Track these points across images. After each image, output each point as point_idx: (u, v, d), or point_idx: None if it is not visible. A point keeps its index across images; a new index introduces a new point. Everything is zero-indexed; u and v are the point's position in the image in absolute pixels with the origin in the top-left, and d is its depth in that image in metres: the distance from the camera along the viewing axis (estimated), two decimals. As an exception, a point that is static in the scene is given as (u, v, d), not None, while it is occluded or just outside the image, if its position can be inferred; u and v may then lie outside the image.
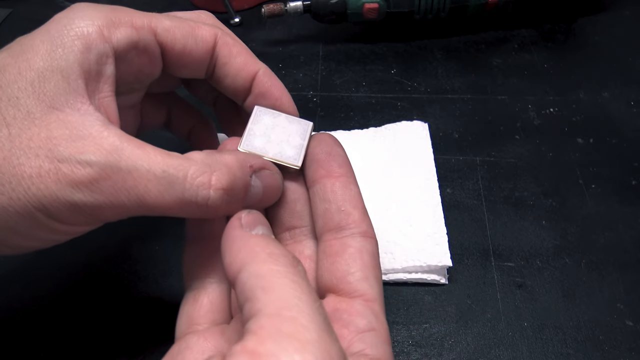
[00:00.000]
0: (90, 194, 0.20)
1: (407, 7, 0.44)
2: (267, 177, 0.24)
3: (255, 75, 0.26)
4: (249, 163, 0.23)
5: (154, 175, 0.20)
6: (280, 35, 0.48)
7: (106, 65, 0.22)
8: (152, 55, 0.24)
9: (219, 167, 0.22)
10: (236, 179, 0.22)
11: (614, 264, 0.31)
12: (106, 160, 0.20)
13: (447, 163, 0.36)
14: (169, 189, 0.21)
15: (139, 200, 0.21)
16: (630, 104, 0.40)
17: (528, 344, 0.27)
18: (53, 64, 0.21)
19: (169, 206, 0.21)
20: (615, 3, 0.49)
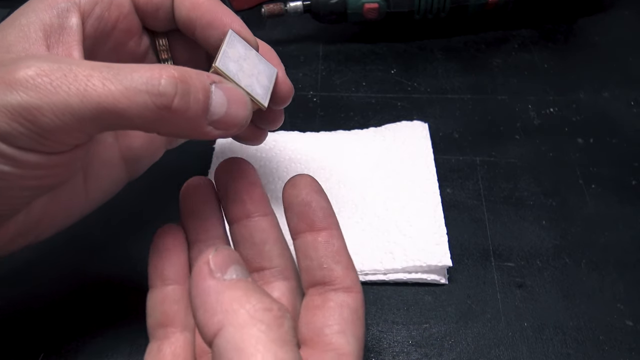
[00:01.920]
0: (25, 92, 0.18)
1: (407, 7, 0.44)
2: (231, 91, 0.22)
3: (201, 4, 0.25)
4: (206, 74, 0.22)
5: (98, 69, 0.19)
6: (280, 35, 0.48)
7: (68, 19, 0.22)
8: (121, 6, 0.24)
9: (169, 66, 0.21)
10: (190, 74, 0.21)
11: (614, 264, 0.31)
12: (46, 61, 0.19)
13: (447, 163, 0.36)
14: (114, 79, 0.19)
15: (82, 95, 0.19)
16: (630, 104, 0.40)
17: (528, 344, 0.27)
18: (15, 22, 0.22)
19: (117, 99, 0.19)
20: (615, 3, 0.49)
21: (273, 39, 0.48)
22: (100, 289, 0.30)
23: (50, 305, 0.30)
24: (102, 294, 0.30)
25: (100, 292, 0.30)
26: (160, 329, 0.24)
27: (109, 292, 0.30)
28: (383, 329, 0.28)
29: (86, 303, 0.30)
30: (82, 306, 0.30)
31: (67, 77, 0.19)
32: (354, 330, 0.21)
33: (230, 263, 0.19)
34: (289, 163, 0.36)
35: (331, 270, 0.22)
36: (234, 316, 0.17)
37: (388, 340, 0.28)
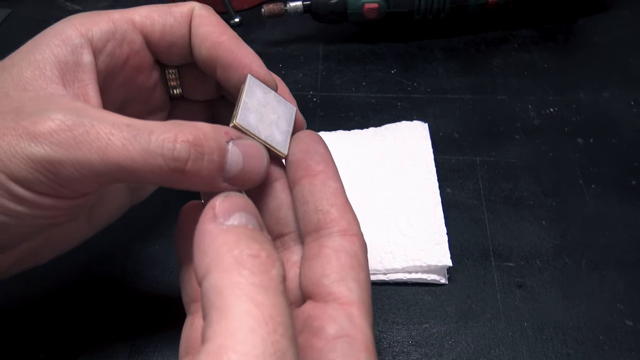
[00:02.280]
0: (49, 145, 0.19)
1: (407, 7, 0.44)
2: (247, 147, 0.22)
3: (221, 43, 0.25)
4: (224, 129, 0.22)
5: (118, 127, 0.20)
6: (280, 35, 0.48)
7: (82, 55, 0.23)
8: (133, 43, 0.24)
9: (186, 126, 0.21)
10: (205, 135, 0.21)
11: (614, 264, 0.31)
12: (69, 114, 0.20)
13: (447, 163, 0.36)
14: (133, 141, 0.20)
15: (102, 153, 0.19)
16: (630, 104, 0.40)
17: (528, 344, 0.27)
18: (30, 57, 0.22)
19: (134, 160, 0.20)
20: (615, 3, 0.49)
21: (273, 39, 0.48)
22: (101, 289, 0.30)
23: (50, 305, 0.30)
24: (103, 294, 0.30)
25: (101, 293, 0.30)
26: (193, 303, 0.24)
27: (109, 292, 0.30)
28: (383, 329, 0.28)
29: (86, 303, 0.30)
30: (83, 306, 0.30)
31: (89, 134, 0.19)
32: (354, 276, 0.20)
33: (236, 210, 0.18)
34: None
35: (326, 212, 0.21)
36: (220, 260, 0.17)
37: (388, 340, 0.28)
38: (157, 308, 0.30)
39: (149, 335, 0.28)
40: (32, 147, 0.19)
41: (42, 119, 0.19)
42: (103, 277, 0.31)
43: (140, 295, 0.30)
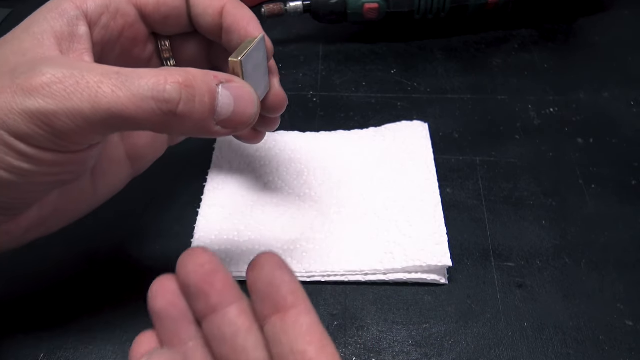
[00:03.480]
0: (42, 98, 0.20)
1: (407, 7, 0.44)
2: (238, 89, 0.23)
3: (223, 9, 0.26)
4: (212, 73, 0.23)
5: (107, 75, 0.20)
6: (280, 35, 0.48)
7: (77, 27, 0.23)
8: (127, 16, 0.25)
9: (175, 70, 0.21)
10: (195, 77, 0.22)
11: (614, 264, 0.31)
12: (60, 67, 0.20)
13: (447, 163, 0.36)
14: (122, 87, 0.20)
15: (93, 101, 0.20)
16: (630, 104, 0.40)
17: (528, 344, 0.27)
18: (29, 30, 0.23)
19: (125, 105, 0.20)
20: (615, 3, 0.49)
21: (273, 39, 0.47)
22: (101, 290, 0.30)
23: (50, 305, 0.30)
24: (103, 295, 0.30)
25: (101, 293, 0.30)
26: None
27: (109, 292, 0.30)
28: (383, 329, 0.28)
29: (87, 303, 0.30)
30: (83, 306, 0.30)
31: (79, 84, 0.20)
32: None
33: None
34: (289, 163, 0.36)
35: (304, 353, 0.20)
36: None
37: (388, 340, 0.28)
38: (157, 308, 0.30)
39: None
40: (26, 101, 0.20)
41: (35, 74, 0.20)
42: (103, 278, 0.31)
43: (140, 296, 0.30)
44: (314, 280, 0.30)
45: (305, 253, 0.31)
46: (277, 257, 0.21)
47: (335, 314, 0.29)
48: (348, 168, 0.35)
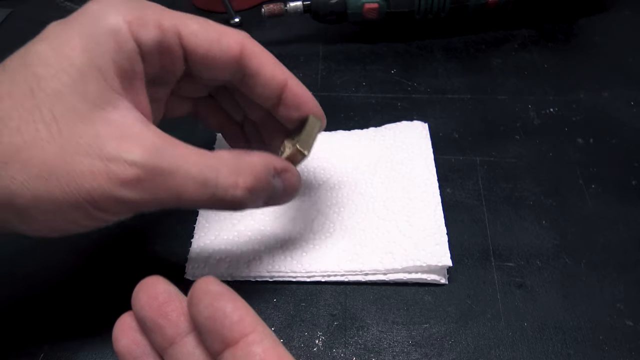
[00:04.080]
0: (135, 191, 0.22)
1: (407, 7, 0.44)
2: (290, 179, 0.26)
3: (285, 85, 0.27)
4: (273, 165, 0.25)
5: (192, 176, 0.22)
6: (280, 35, 0.48)
7: (136, 63, 0.23)
8: (174, 56, 0.25)
9: (245, 170, 0.24)
10: (260, 181, 0.24)
11: (614, 264, 0.31)
12: (150, 161, 0.22)
13: (447, 163, 0.36)
14: (204, 188, 0.23)
15: (177, 197, 0.23)
16: (630, 104, 0.40)
17: (528, 344, 0.27)
18: (92, 62, 0.22)
19: (202, 202, 0.23)
20: (615, 3, 0.49)
21: (273, 39, 0.48)
22: (101, 290, 0.30)
23: (50, 305, 0.30)
24: (103, 295, 0.30)
25: (101, 293, 0.30)
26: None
27: (109, 292, 0.30)
28: (383, 329, 0.28)
29: (87, 303, 0.30)
30: (83, 306, 0.30)
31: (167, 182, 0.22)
32: None
33: None
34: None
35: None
36: None
37: (388, 340, 0.28)
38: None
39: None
40: (121, 191, 0.21)
41: (129, 165, 0.21)
42: (103, 278, 0.31)
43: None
44: (314, 280, 0.30)
45: (305, 253, 0.31)
46: (214, 284, 0.20)
47: (335, 314, 0.29)
48: (348, 168, 0.35)
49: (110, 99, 0.22)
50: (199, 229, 0.32)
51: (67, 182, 0.21)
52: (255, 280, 0.30)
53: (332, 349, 0.28)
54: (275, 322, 0.29)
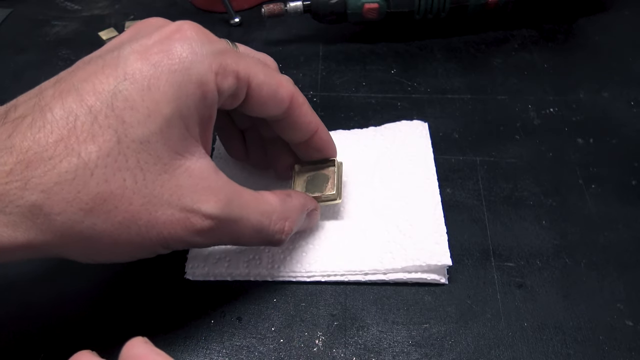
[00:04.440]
0: (205, 238, 0.24)
1: (407, 7, 0.44)
2: (314, 215, 0.30)
3: (316, 132, 0.30)
4: (307, 207, 0.29)
5: (252, 224, 0.25)
6: (280, 35, 0.48)
7: (214, 110, 0.24)
8: (238, 100, 0.26)
9: (290, 215, 0.27)
10: (299, 222, 0.28)
11: (614, 264, 0.31)
12: (222, 213, 0.24)
13: (447, 163, 0.36)
14: (258, 234, 0.26)
15: (236, 240, 0.26)
16: (630, 104, 0.40)
17: (528, 344, 0.27)
18: (178, 112, 0.22)
19: (254, 244, 0.27)
20: (615, 3, 0.49)
21: (273, 39, 0.48)
22: (100, 290, 0.30)
23: (50, 305, 0.30)
24: (102, 295, 0.30)
25: (100, 293, 0.30)
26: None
27: (109, 292, 0.30)
28: (383, 329, 0.28)
29: (86, 303, 0.30)
30: (82, 307, 0.30)
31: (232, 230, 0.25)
32: None
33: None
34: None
35: None
36: None
37: (388, 340, 0.28)
38: (157, 308, 0.30)
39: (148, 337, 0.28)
40: (194, 238, 0.23)
41: (205, 217, 0.23)
42: (103, 278, 0.31)
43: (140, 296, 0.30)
44: (314, 280, 0.30)
45: (305, 253, 0.31)
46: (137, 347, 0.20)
47: (335, 314, 0.29)
48: (348, 167, 0.35)
49: (189, 147, 0.23)
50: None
51: (147, 230, 0.22)
52: (255, 280, 0.30)
53: (332, 349, 0.28)
54: (275, 322, 0.29)
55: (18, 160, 0.20)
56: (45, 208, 0.20)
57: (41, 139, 0.20)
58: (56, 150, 0.20)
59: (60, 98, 0.21)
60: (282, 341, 0.28)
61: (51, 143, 0.20)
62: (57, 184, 0.20)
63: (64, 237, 0.21)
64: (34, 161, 0.20)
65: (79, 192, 0.21)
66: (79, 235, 0.21)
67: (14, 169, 0.20)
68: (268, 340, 0.28)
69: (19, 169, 0.20)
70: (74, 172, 0.20)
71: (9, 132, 0.21)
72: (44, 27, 0.50)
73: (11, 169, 0.20)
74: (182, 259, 0.31)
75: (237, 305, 0.29)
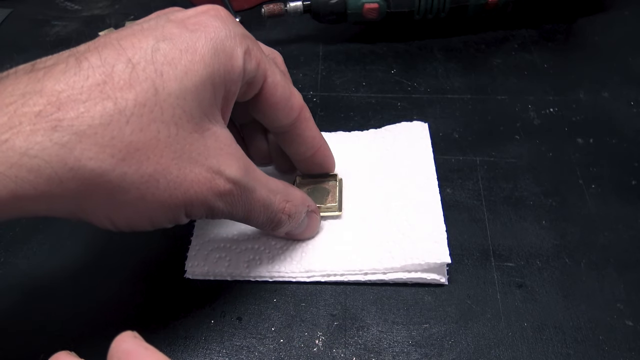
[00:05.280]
0: (224, 203, 0.24)
1: (407, 7, 0.44)
2: (314, 219, 0.31)
3: (319, 148, 0.31)
4: (308, 203, 0.29)
5: (262, 197, 0.26)
6: (280, 35, 0.48)
7: (237, 86, 0.24)
8: (252, 92, 0.26)
9: (292, 199, 0.28)
10: (298, 212, 0.28)
11: (614, 264, 0.31)
12: (242, 179, 0.24)
13: (447, 163, 0.36)
14: (266, 209, 0.26)
15: (248, 213, 0.26)
16: (630, 104, 0.40)
17: (528, 344, 0.27)
18: (211, 77, 0.23)
19: (258, 220, 0.27)
20: (615, 3, 0.49)
21: (273, 39, 0.48)
22: (100, 290, 0.30)
23: (50, 306, 0.30)
24: (102, 295, 0.30)
25: (100, 293, 0.30)
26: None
27: (109, 292, 0.30)
28: (383, 329, 0.28)
29: (86, 304, 0.30)
30: (82, 307, 0.30)
31: (247, 199, 0.25)
32: None
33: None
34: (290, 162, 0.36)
35: None
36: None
37: (388, 340, 0.28)
38: (157, 308, 0.30)
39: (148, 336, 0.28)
40: (216, 201, 0.24)
41: (227, 180, 0.24)
42: (103, 278, 0.31)
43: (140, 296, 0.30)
44: (314, 280, 0.30)
45: (305, 253, 0.31)
46: (126, 342, 0.20)
47: (335, 314, 0.29)
48: (348, 168, 0.35)
49: (215, 114, 0.23)
50: (199, 227, 0.32)
51: (175, 186, 0.22)
52: (255, 280, 0.30)
53: (332, 349, 0.28)
54: (275, 322, 0.29)
55: (49, 102, 0.19)
56: (77, 151, 0.19)
57: (76, 83, 0.20)
58: (91, 94, 0.20)
59: (97, 51, 0.21)
60: (282, 341, 0.28)
61: (86, 87, 0.20)
62: (90, 127, 0.19)
63: (91, 186, 0.20)
64: (67, 103, 0.19)
65: (113, 138, 0.20)
66: (108, 185, 0.20)
67: (43, 110, 0.19)
68: (268, 340, 0.28)
69: (49, 110, 0.19)
70: (109, 117, 0.20)
71: (39, 77, 0.20)
72: (44, 27, 0.50)
73: (40, 111, 0.19)
74: (182, 258, 0.31)
75: (237, 305, 0.29)
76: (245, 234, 0.32)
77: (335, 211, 0.32)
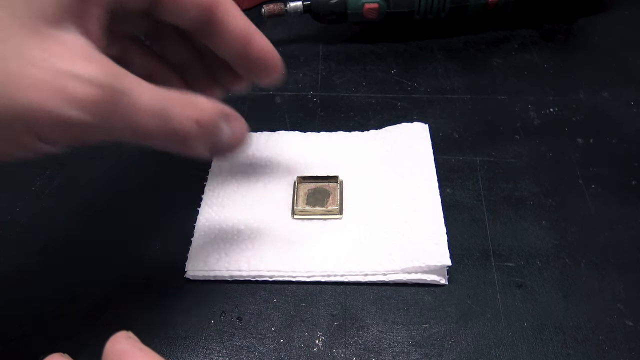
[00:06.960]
0: (89, 114, 0.19)
1: (407, 7, 0.44)
2: (237, 125, 0.25)
3: (251, 40, 0.26)
4: (221, 109, 0.24)
5: (148, 103, 0.21)
6: (280, 35, 0.48)
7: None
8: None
9: (196, 106, 0.23)
10: (210, 118, 0.23)
11: (614, 264, 0.31)
12: (110, 81, 0.19)
13: (447, 163, 0.36)
14: (157, 117, 0.21)
15: (131, 124, 0.20)
16: (630, 104, 0.40)
17: (528, 344, 0.27)
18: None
19: (155, 134, 0.21)
20: (615, 3, 0.49)
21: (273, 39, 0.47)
22: (100, 290, 0.30)
23: (50, 306, 0.30)
24: (102, 295, 0.30)
25: (100, 293, 0.30)
26: None
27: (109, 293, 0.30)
28: (383, 329, 0.28)
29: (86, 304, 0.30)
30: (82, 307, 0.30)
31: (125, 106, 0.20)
32: None
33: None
34: (290, 163, 0.36)
35: None
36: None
37: (388, 340, 0.28)
38: (157, 308, 0.30)
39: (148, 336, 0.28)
40: (70, 110, 0.19)
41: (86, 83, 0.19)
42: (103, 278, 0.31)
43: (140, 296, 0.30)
44: (314, 280, 0.30)
45: (305, 253, 0.31)
46: (120, 343, 0.20)
47: (335, 314, 0.29)
48: (348, 168, 0.35)
49: (61, 18, 0.19)
50: (199, 228, 0.32)
51: (12, 92, 0.18)
52: (255, 280, 0.30)
53: (332, 349, 0.28)
54: (275, 322, 0.29)
55: None
56: None
57: None
58: None
59: None
60: (282, 341, 0.28)
61: None
62: None
63: None
64: None
65: None
66: None
67: None
68: (268, 340, 0.28)
69: None
70: None
71: None
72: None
73: None
74: (182, 258, 0.31)
75: (237, 305, 0.30)
76: (246, 234, 0.32)
77: (336, 214, 0.32)
